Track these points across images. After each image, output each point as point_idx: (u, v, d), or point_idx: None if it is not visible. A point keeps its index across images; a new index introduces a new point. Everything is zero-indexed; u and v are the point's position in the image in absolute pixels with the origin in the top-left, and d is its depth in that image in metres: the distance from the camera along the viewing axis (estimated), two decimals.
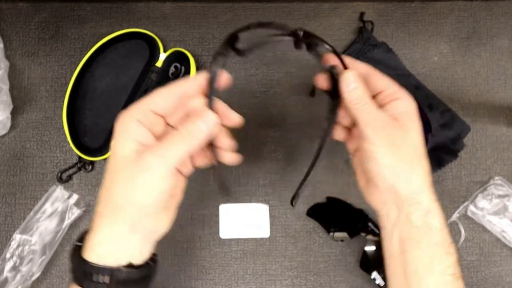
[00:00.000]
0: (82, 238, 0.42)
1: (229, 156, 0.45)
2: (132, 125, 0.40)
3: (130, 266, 0.41)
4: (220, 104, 0.44)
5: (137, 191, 0.39)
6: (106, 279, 0.40)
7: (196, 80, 0.43)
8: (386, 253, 0.45)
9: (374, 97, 0.44)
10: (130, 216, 0.40)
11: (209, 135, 0.41)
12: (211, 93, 0.42)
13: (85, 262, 0.40)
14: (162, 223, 0.44)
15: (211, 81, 0.42)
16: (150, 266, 0.44)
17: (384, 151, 0.42)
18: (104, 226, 0.41)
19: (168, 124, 0.43)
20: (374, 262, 0.59)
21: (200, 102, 0.42)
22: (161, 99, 0.42)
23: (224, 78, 0.45)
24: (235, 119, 0.45)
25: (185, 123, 0.41)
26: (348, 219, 0.61)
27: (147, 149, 0.40)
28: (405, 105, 0.43)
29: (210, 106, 0.42)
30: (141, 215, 0.41)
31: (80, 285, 0.41)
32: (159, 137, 0.41)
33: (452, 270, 0.43)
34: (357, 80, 0.43)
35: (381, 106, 0.44)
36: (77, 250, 0.42)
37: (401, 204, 0.43)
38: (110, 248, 0.41)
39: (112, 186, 0.40)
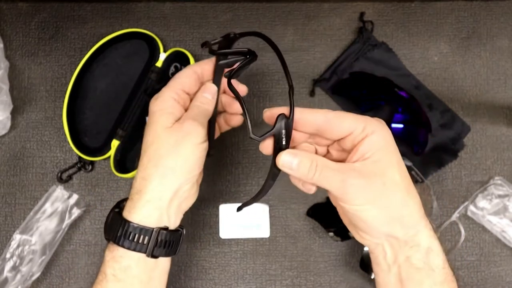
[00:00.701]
0: (119, 206, 0.47)
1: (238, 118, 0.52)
2: (171, 103, 0.48)
3: (166, 229, 0.46)
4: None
5: (186, 152, 0.45)
6: (146, 239, 0.44)
7: (210, 62, 0.51)
8: (382, 286, 0.44)
9: (337, 140, 0.42)
10: (178, 180, 0.45)
11: (215, 101, 0.50)
12: (215, 70, 0.50)
13: (127, 222, 0.44)
14: (193, 195, 0.49)
15: (217, 67, 0.50)
16: (180, 232, 0.48)
17: (366, 207, 0.39)
18: (153, 188, 0.45)
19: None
20: None
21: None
22: (187, 79, 0.49)
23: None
24: (242, 89, 0.51)
25: (194, 98, 0.50)
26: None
27: (185, 117, 0.47)
28: (375, 141, 0.39)
29: (215, 82, 0.51)
30: (187, 179, 0.46)
31: (121, 246, 0.44)
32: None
33: None
34: (295, 155, 0.40)
35: (353, 148, 0.41)
36: (117, 214, 0.46)
37: (398, 247, 0.41)
38: (154, 210, 0.45)
39: (161, 152, 0.45)
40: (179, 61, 0.60)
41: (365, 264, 0.60)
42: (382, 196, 0.39)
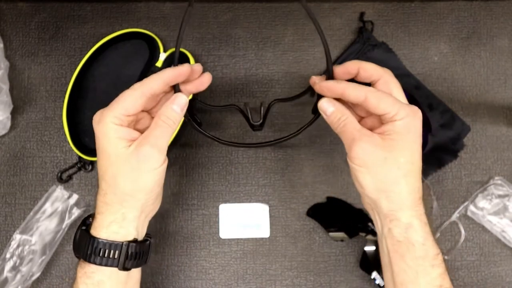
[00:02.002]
0: (85, 223, 0.47)
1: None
2: (113, 128, 0.44)
3: (135, 241, 0.46)
4: (186, 85, 0.48)
5: (144, 178, 0.44)
6: (117, 253, 0.45)
7: (159, 77, 0.46)
8: (381, 258, 0.48)
9: (380, 116, 0.45)
10: (139, 202, 0.45)
11: (183, 113, 0.47)
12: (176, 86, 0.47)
13: (96, 239, 0.45)
14: (157, 204, 0.50)
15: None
16: (149, 241, 0.49)
17: (362, 169, 0.44)
18: (115, 211, 0.45)
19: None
20: (374, 262, 0.59)
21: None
22: (130, 104, 0.45)
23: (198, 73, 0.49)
24: (206, 79, 0.49)
25: (161, 110, 0.46)
26: (348, 219, 0.61)
27: (142, 141, 0.44)
28: (400, 126, 0.44)
29: (177, 89, 0.47)
30: (148, 199, 0.46)
31: (92, 263, 0.45)
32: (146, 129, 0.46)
33: (439, 282, 0.44)
34: (333, 104, 0.46)
35: (380, 122, 0.45)
36: (85, 232, 0.46)
37: (383, 217, 0.45)
38: (121, 227, 0.45)
39: (118, 180, 0.44)
40: (179, 61, 0.60)
41: (365, 264, 0.60)
42: (379, 167, 0.44)
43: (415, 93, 0.61)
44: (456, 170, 0.62)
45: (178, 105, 0.46)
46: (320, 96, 0.48)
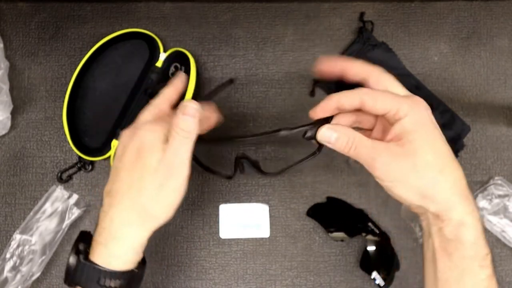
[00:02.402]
0: (78, 250, 0.43)
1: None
2: (157, 136, 0.44)
3: (141, 266, 0.45)
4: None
5: (167, 194, 0.43)
6: (117, 283, 0.42)
7: (164, 96, 0.48)
8: (424, 255, 0.45)
9: (382, 116, 0.43)
10: (157, 223, 0.44)
11: (199, 121, 0.43)
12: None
13: (97, 267, 0.42)
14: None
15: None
16: (144, 266, 0.46)
17: (396, 184, 0.42)
18: (131, 235, 0.43)
19: None
20: (374, 262, 0.59)
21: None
22: (145, 118, 0.47)
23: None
24: (214, 117, 0.49)
25: (173, 120, 0.43)
26: (348, 219, 0.61)
27: (164, 157, 0.42)
28: (408, 123, 0.41)
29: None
30: (164, 222, 0.44)
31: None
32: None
33: (486, 284, 0.42)
34: (334, 130, 0.43)
35: (390, 124, 0.43)
36: (81, 253, 0.43)
37: (434, 218, 0.42)
38: (134, 255, 0.43)
39: (142, 192, 0.42)
40: (179, 61, 0.60)
41: (365, 264, 0.60)
42: (411, 176, 0.41)
43: (415, 93, 0.61)
44: None
45: (190, 114, 0.43)
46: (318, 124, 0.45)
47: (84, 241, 0.44)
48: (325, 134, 0.43)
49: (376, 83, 0.44)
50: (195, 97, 0.53)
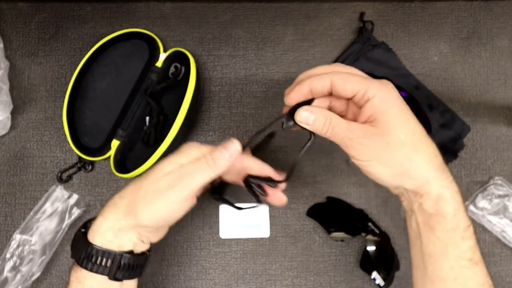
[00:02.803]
0: (86, 226, 0.46)
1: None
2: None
3: (130, 253, 0.45)
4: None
5: (156, 204, 0.44)
6: (109, 262, 0.44)
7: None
8: (408, 233, 0.46)
9: (350, 99, 0.44)
10: (140, 221, 0.44)
11: (231, 163, 0.45)
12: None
13: (90, 245, 0.44)
14: (161, 233, 0.49)
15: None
16: (146, 255, 0.48)
17: (372, 163, 0.43)
18: (113, 218, 0.45)
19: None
20: (374, 262, 0.59)
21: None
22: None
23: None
24: (281, 199, 0.49)
25: (212, 151, 0.45)
26: (348, 219, 0.61)
27: (179, 169, 0.44)
28: (377, 104, 0.42)
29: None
30: (148, 224, 0.45)
31: (83, 267, 0.44)
32: None
33: (470, 255, 0.43)
34: (311, 112, 0.43)
35: (359, 108, 0.44)
36: (82, 235, 0.45)
37: (413, 195, 0.44)
38: (116, 236, 0.44)
39: (141, 190, 0.44)
40: (179, 61, 0.60)
41: (365, 264, 0.60)
42: (386, 154, 0.42)
43: (415, 93, 0.61)
44: (456, 170, 0.62)
45: (229, 151, 0.45)
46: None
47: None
48: (303, 116, 0.43)
49: (341, 79, 0.44)
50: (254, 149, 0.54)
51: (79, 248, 0.45)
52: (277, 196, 0.49)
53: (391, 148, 0.42)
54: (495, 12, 0.64)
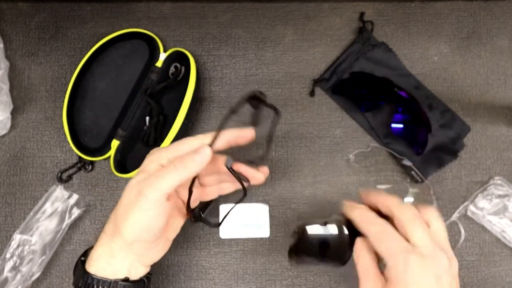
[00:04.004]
0: (86, 254, 0.48)
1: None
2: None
3: (126, 280, 0.46)
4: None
5: (134, 215, 0.44)
6: (90, 285, 0.45)
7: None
8: None
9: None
10: (125, 238, 0.45)
11: (202, 167, 0.45)
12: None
13: (87, 273, 0.45)
14: (154, 251, 0.48)
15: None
16: (143, 282, 0.48)
17: None
18: (103, 243, 0.46)
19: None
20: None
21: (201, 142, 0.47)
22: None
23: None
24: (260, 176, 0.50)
25: (183, 156, 0.45)
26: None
27: (147, 178, 0.45)
28: (391, 273, 0.42)
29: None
30: (135, 240, 0.45)
31: None
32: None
33: None
34: (360, 246, 0.46)
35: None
36: (80, 264, 0.47)
37: None
38: (109, 263, 0.45)
39: (118, 211, 0.46)
40: (179, 61, 0.61)
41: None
42: None
43: (415, 93, 0.61)
44: (456, 170, 0.62)
45: (201, 156, 0.45)
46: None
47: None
48: (358, 247, 0.47)
49: (398, 224, 0.45)
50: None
51: (78, 277, 0.46)
52: (258, 176, 0.49)
53: None
54: (495, 12, 0.64)
